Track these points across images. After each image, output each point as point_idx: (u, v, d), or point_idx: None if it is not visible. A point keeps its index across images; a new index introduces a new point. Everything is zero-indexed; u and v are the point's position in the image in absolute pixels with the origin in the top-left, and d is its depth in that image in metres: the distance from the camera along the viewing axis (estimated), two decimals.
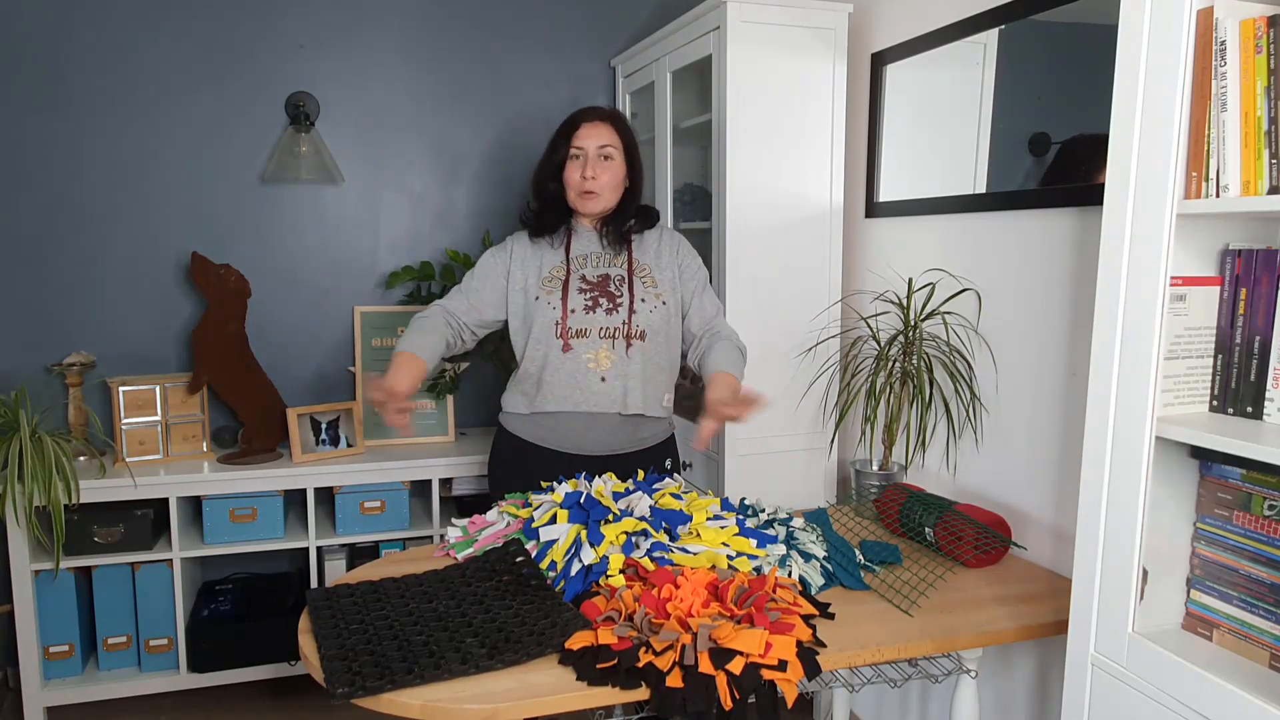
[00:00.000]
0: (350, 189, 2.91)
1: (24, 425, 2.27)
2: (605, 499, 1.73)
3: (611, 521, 1.67)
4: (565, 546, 1.64)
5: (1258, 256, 1.20)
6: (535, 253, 2.02)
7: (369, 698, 1.29)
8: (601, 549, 1.61)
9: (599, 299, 1.97)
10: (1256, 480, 1.20)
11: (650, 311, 1.99)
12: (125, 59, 2.67)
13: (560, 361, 1.96)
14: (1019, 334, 1.97)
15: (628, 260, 2.02)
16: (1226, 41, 1.12)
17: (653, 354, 2.00)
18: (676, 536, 1.69)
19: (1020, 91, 1.98)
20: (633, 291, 1.99)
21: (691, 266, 2.08)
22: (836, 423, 2.44)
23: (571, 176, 1.98)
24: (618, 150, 1.98)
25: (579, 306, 1.96)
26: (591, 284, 1.99)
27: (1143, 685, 1.26)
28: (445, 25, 2.93)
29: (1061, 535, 1.86)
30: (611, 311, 1.97)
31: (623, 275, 2.00)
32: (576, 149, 1.97)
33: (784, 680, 1.34)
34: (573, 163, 1.97)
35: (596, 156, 1.96)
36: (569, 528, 1.67)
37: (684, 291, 2.06)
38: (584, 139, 1.96)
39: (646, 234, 2.07)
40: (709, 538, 1.68)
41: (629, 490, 1.79)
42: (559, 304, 1.96)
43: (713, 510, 1.78)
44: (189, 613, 2.62)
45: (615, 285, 1.99)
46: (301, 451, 2.64)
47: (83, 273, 2.71)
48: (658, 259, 2.04)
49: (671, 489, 1.85)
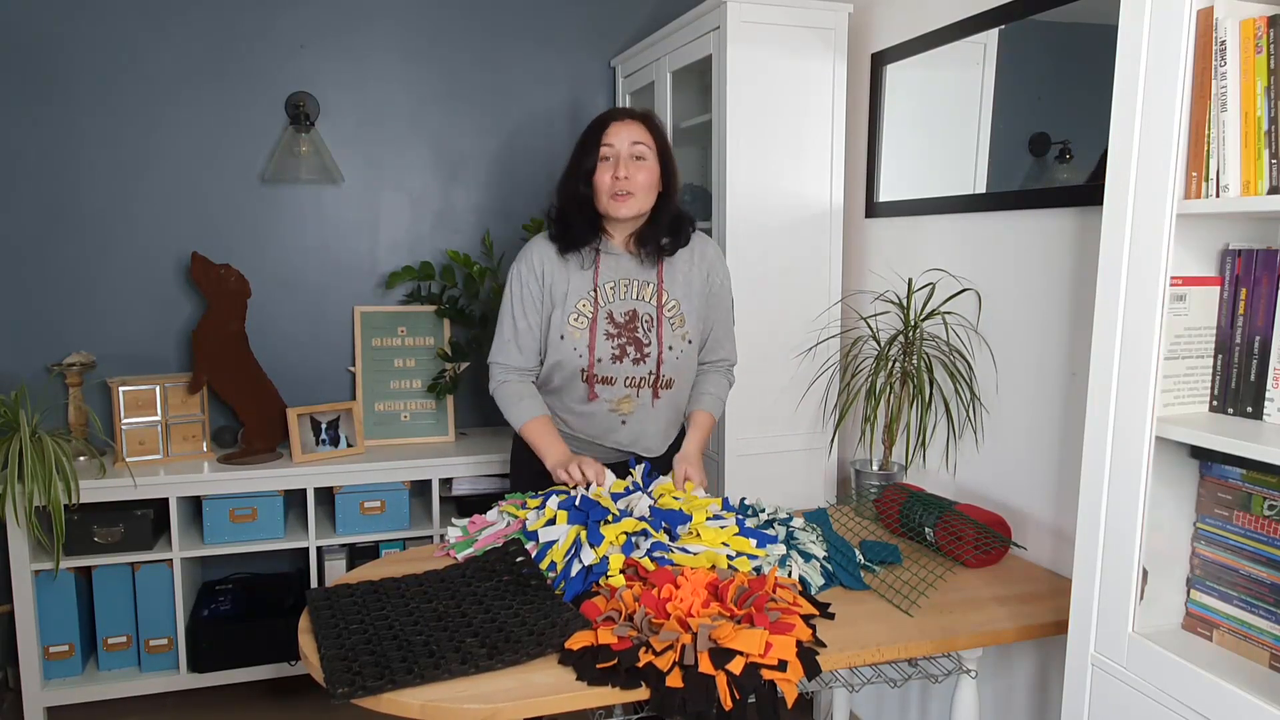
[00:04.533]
0: (350, 189, 2.91)
1: (24, 425, 2.27)
2: (604, 499, 1.73)
3: (611, 522, 1.67)
4: (565, 547, 1.64)
5: (1258, 256, 1.20)
6: (563, 274, 1.90)
7: (369, 698, 1.29)
8: (601, 549, 1.61)
9: (626, 347, 1.90)
10: (1256, 480, 1.20)
11: (677, 359, 1.94)
12: (125, 59, 2.67)
13: (583, 407, 1.95)
14: (1019, 334, 1.97)
15: (658, 291, 1.92)
16: (1226, 41, 1.12)
17: (677, 399, 2.01)
18: (676, 536, 1.69)
19: (1020, 91, 1.98)
20: (661, 338, 1.91)
21: (720, 295, 2.01)
22: (836, 423, 2.44)
23: (602, 179, 1.85)
24: (651, 150, 1.86)
25: (605, 355, 1.89)
26: (619, 326, 1.90)
27: (1143, 685, 1.26)
28: (445, 25, 2.93)
29: (1061, 535, 1.86)
30: (639, 361, 1.91)
31: (651, 315, 1.91)
32: (607, 147, 1.85)
33: (784, 680, 1.34)
34: (603, 164, 1.85)
35: (629, 156, 1.84)
36: (568, 529, 1.67)
37: (709, 319, 2.02)
38: (615, 137, 1.85)
39: (679, 254, 1.95)
40: (709, 538, 1.68)
41: (629, 490, 1.79)
42: (585, 351, 1.89)
43: (712, 510, 1.78)
44: (189, 613, 2.62)
45: (644, 329, 1.91)
46: (301, 451, 2.64)
47: (83, 273, 2.71)
48: (688, 288, 1.95)
49: (671, 490, 1.85)
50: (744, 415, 2.39)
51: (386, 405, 2.87)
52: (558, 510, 1.73)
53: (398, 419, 2.87)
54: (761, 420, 2.40)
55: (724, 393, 2.09)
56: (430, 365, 2.89)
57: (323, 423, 2.72)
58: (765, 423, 2.41)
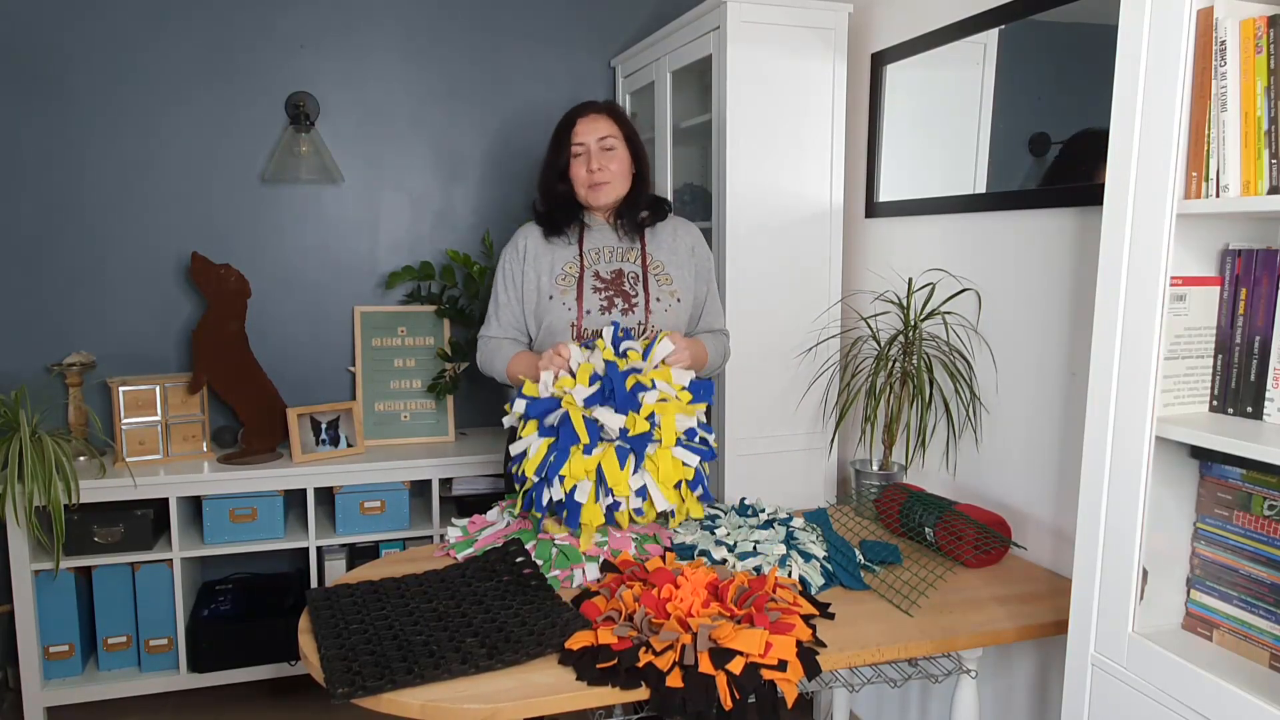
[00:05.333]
0: (350, 189, 2.91)
1: (24, 425, 2.27)
2: (575, 415, 1.70)
3: (584, 452, 1.69)
4: (536, 461, 1.69)
5: (1258, 256, 1.20)
6: (548, 248, 2.01)
7: (369, 698, 1.29)
8: (569, 481, 1.66)
9: (614, 298, 1.97)
10: (1256, 480, 1.20)
11: (665, 311, 1.99)
12: (125, 59, 2.67)
13: None
14: (1019, 334, 1.97)
15: (641, 255, 2.02)
16: (1226, 41, 1.12)
17: None
18: (637, 405, 1.71)
19: (1020, 91, 1.98)
20: (648, 290, 1.99)
21: (706, 269, 2.09)
22: (836, 423, 2.44)
23: (578, 173, 1.98)
24: (619, 140, 1.98)
25: (594, 307, 1.96)
26: (606, 281, 1.98)
27: (1143, 685, 1.26)
28: (445, 25, 2.93)
29: (1061, 535, 1.86)
30: (627, 311, 1.97)
31: (637, 272, 2.00)
32: (578, 145, 1.97)
33: (784, 680, 1.34)
34: (576, 160, 1.98)
35: (599, 149, 1.96)
36: (539, 441, 1.70)
37: (699, 292, 2.08)
38: (583, 134, 1.96)
39: (660, 226, 2.06)
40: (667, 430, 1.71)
41: (595, 378, 1.76)
42: (574, 304, 1.96)
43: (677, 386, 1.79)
44: (189, 613, 2.62)
45: (630, 283, 1.99)
46: (301, 451, 2.64)
47: (83, 273, 2.71)
48: (673, 254, 2.05)
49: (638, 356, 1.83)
50: (744, 415, 2.39)
51: (386, 405, 2.87)
52: (526, 420, 1.75)
53: (398, 419, 2.87)
54: (761, 420, 2.40)
55: (722, 347, 2.10)
56: (430, 365, 2.89)
57: (323, 423, 2.72)
58: (765, 423, 2.41)
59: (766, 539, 1.77)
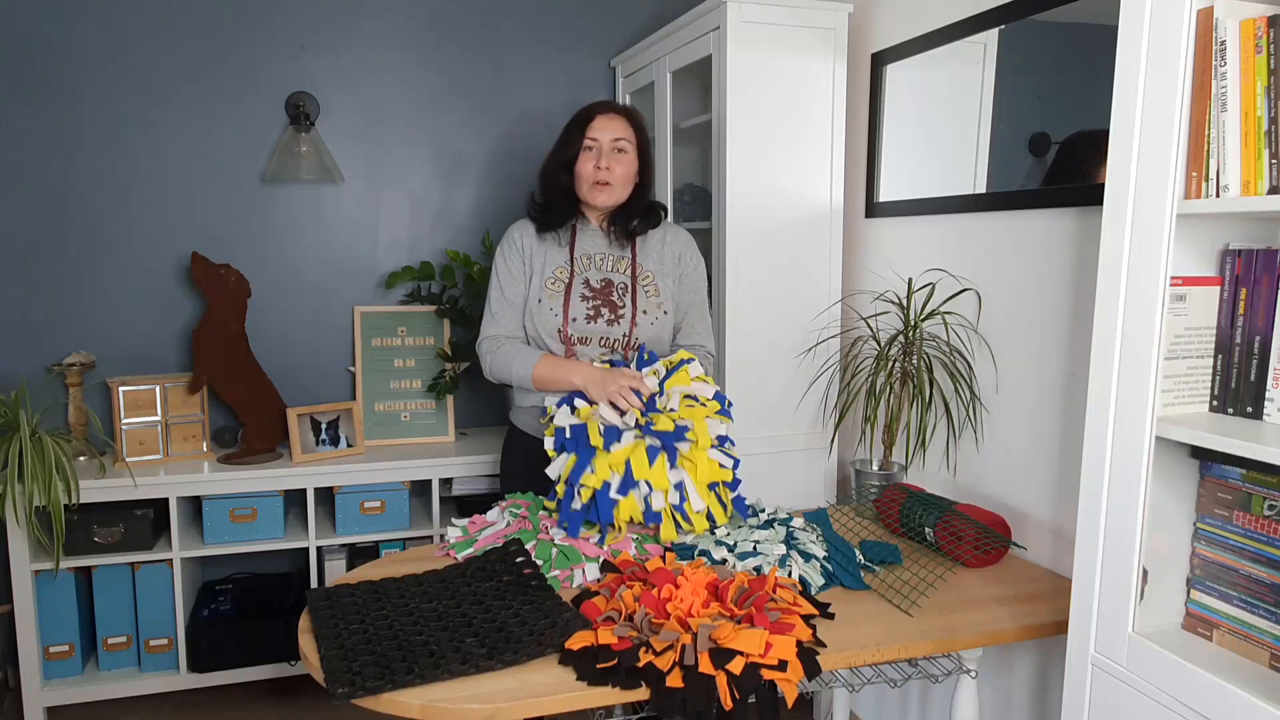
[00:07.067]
0: (350, 189, 2.91)
1: (24, 425, 2.27)
2: (593, 428, 1.76)
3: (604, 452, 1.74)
4: (565, 474, 1.73)
5: (1258, 256, 1.20)
6: (541, 248, 2.01)
7: (369, 698, 1.29)
8: (599, 475, 1.70)
9: (601, 309, 1.97)
10: (1256, 480, 1.20)
11: (652, 324, 2.00)
12: (125, 59, 2.67)
13: None
14: (1019, 334, 1.97)
15: (631, 264, 2.01)
16: (1226, 41, 1.12)
17: None
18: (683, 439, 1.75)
19: (1020, 91, 1.98)
20: (635, 302, 1.99)
21: (692, 278, 2.08)
22: (836, 423, 2.44)
23: (584, 168, 1.96)
24: (631, 145, 1.98)
25: (580, 315, 1.96)
26: (595, 290, 1.98)
27: (1143, 685, 1.26)
28: (445, 25, 2.93)
29: (1061, 535, 1.86)
30: (613, 322, 1.97)
31: (626, 283, 2.00)
32: (591, 140, 1.96)
33: (784, 680, 1.34)
34: (585, 154, 1.96)
35: (611, 149, 1.95)
36: (566, 458, 1.76)
37: (681, 302, 2.07)
38: (599, 130, 1.95)
39: (651, 234, 2.06)
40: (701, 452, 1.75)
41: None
42: (560, 311, 1.96)
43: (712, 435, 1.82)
44: (189, 613, 2.62)
45: (618, 294, 1.99)
46: (301, 451, 2.64)
47: (83, 273, 2.71)
48: (660, 263, 2.04)
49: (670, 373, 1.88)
50: (744, 415, 2.38)
51: (386, 405, 2.87)
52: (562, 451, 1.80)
53: (398, 419, 2.87)
54: (761, 420, 2.40)
55: (709, 369, 2.09)
56: (430, 365, 2.89)
57: (323, 423, 2.72)
58: (765, 423, 2.41)
59: (766, 539, 1.77)
